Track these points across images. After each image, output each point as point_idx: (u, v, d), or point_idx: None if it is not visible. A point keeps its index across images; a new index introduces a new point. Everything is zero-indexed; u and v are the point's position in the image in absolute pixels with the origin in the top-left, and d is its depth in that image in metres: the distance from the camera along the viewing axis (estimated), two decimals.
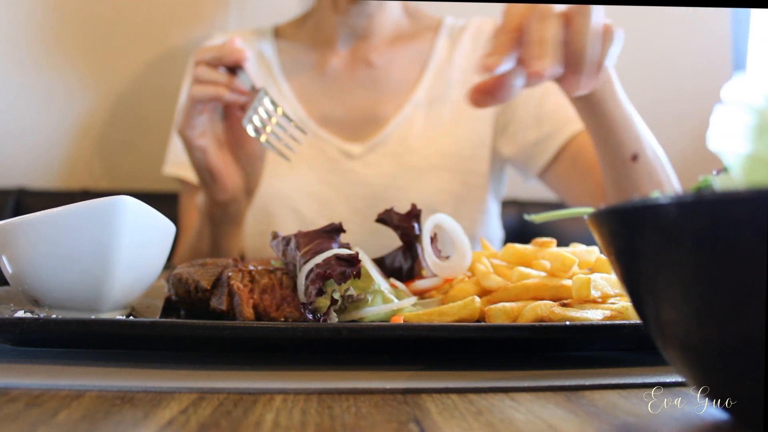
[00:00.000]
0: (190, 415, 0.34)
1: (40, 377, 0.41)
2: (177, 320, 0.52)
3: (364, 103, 1.10)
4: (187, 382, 0.40)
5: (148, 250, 0.54)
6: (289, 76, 1.11)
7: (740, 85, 0.30)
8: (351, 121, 1.09)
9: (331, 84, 1.10)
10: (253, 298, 0.55)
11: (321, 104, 1.09)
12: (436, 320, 0.50)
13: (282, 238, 0.59)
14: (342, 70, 1.11)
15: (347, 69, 1.11)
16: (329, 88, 1.10)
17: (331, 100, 1.10)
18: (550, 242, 0.59)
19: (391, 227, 0.63)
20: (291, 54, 1.13)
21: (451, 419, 0.35)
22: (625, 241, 0.33)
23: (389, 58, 1.11)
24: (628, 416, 0.35)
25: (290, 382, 0.41)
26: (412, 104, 1.08)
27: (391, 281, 0.58)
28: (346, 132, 1.08)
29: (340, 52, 1.11)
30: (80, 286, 0.51)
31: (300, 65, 1.12)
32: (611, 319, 0.48)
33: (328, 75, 1.11)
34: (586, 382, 0.42)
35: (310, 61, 1.12)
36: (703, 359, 0.31)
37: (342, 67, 1.11)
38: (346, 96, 1.10)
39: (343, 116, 1.09)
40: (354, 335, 0.45)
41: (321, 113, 1.09)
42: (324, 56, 1.11)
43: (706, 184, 0.35)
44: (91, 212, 0.50)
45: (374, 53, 1.11)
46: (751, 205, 0.27)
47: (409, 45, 1.13)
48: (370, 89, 1.10)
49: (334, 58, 1.11)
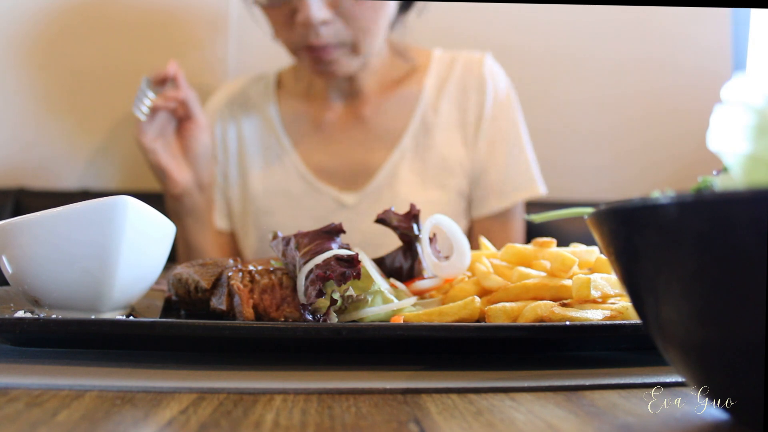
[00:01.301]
0: (190, 415, 0.34)
1: (40, 377, 0.41)
2: (177, 320, 0.52)
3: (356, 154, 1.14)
4: (187, 382, 0.40)
5: (148, 250, 0.54)
6: (289, 129, 1.16)
7: (740, 85, 0.30)
8: (345, 172, 1.13)
9: (326, 137, 1.15)
10: (253, 298, 0.55)
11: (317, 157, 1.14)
12: (436, 320, 0.50)
13: (282, 238, 0.59)
14: (336, 124, 1.15)
15: (340, 123, 1.15)
16: (325, 141, 1.15)
17: (326, 153, 1.14)
18: (550, 242, 0.59)
19: (390, 227, 0.63)
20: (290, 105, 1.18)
21: (451, 419, 0.35)
22: (625, 241, 0.33)
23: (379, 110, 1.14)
24: (628, 416, 0.35)
25: (290, 382, 0.41)
26: (399, 151, 1.11)
27: (391, 281, 0.58)
28: (341, 183, 1.12)
29: (334, 106, 1.15)
30: (80, 286, 0.51)
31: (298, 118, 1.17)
32: (611, 319, 0.48)
33: (324, 128, 1.15)
34: (586, 382, 0.42)
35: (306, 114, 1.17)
36: (703, 359, 0.31)
37: (336, 121, 1.15)
38: (340, 148, 1.14)
39: (337, 168, 1.13)
40: (354, 335, 0.45)
41: (318, 165, 1.14)
42: (319, 110, 1.16)
43: (706, 184, 0.35)
44: (91, 212, 0.50)
45: (365, 107, 1.14)
46: (751, 205, 0.27)
47: (399, 90, 1.15)
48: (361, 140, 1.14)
49: (328, 112, 1.15)
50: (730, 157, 0.29)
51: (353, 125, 1.15)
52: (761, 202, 0.27)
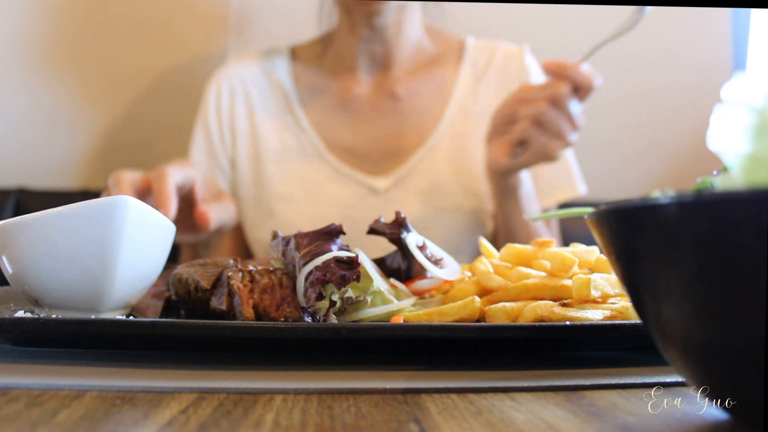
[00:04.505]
0: (190, 415, 0.34)
1: (40, 377, 0.41)
2: (177, 320, 0.52)
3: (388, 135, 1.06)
4: (187, 382, 0.40)
5: (148, 250, 0.54)
6: (307, 105, 1.07)
7: (740, 85, 0.30)
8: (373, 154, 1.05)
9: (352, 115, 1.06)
10: (253, 298, 0.55)
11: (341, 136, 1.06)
12: (436, 320, 0.50)
13: (282, 238, 0.59)
14: (365, 101, 1.07)
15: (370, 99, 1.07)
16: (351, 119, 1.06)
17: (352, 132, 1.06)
18: (550, 242, 0.59)
19: (382, 235, 0.63)
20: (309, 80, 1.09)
21: (451, 419, 0.35)
22: (625, 241, 0.33)
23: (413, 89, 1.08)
24: (628, 416, 0.35)
25: (290, 382, 0.41)
26: (436, 137, 1.06)
27: (391, 281, 0.58)
28: (368, 165, 1.05)
29: (363, 81, 1.07)
30: (80, 286, 0.51)
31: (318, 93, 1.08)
32: (611, 319, 0.48)
33: (350, 105, 1.07)
34: (586, 382, 0.42)
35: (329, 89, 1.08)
36: (703, 359, 0.31)
37: (365, 97, 1.07)
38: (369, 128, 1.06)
39: (365, 149, 1.05)
40: (354, 335, 0.45)
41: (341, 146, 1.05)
42: (345, 84, 1.07)
43: (706, 184, 0.35)
44: (91, 212, 0.50)
45: (398, 84, 1.07)
46: (751, 205, 0.27)
47: (433, 73, 1.09)
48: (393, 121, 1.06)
49: (356, 86, 1.07)
50: (730, 157, 0.29)
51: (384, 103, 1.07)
52: (761, 202, 0.27)
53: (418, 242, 0.61)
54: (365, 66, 1.07)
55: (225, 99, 1.09)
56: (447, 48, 1.12)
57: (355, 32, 1.04)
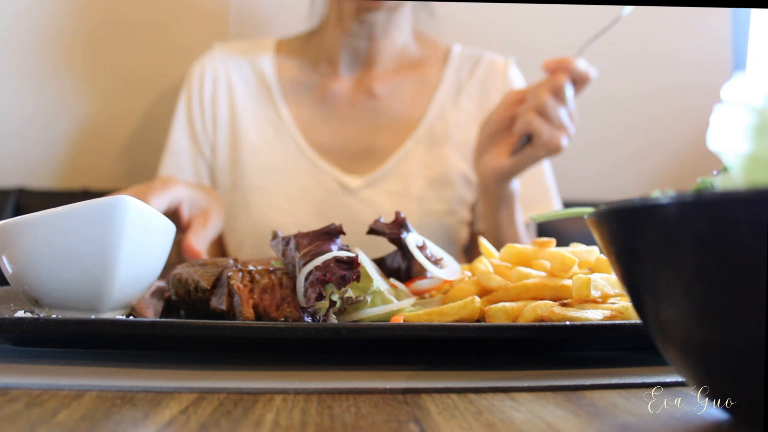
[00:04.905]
0: (190, 415, 0.34)
1: (40, 377, 0.41)
2: (177, 320, 0.52)
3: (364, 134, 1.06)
4: (187, 382, 0.40)
5: (148, 250, 0.54)
6: (289, 99, 1.07)
7: (740, 85, 0.30)
8: (350, 152, 1.05)
9: (331, 111, 1.06)
10: (253, 298, 0.55)
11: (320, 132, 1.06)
12: (436, 320, 0.50)
13: (282, 238, 0.59)
14: (343, 98, 1.07)
15: (349, 97, 1.07)
16: (329, 115, 1.06)
17: (330, 129, 1.06)
18: (550, 242, 0.59)
19: (382, 236, 0.63)
20: (291, 73, 1.09)
21: (451, 419, 0.35)
22: (625, 241, 0.33)
23: (393, 89, 1.07)
24: (628, 416, 0.35)
25: (290, 382, 0.41)
26: (414, 140, 1.05)
27: (391, 281, 0.58)
28: (345, 162, 1.04)
29: (343, 78, 1.07)
30: (80, 286, 0.51)
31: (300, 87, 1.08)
32: (611, 319, 0.48)
33: (329, 101, 1.06)
34: (586, 382, 0.42)
35: (310, 84, 1.08)
36: (703, 359, 0.31)
37: (343, 95, 1.07)
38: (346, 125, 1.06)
39: (342, 146, 1.05)
40: (354, 335, 0.45)
41: (320, 142, 1.05)
42: (325, 79, 1.07)
43: (706, 184, 0.35)
44: (91, 212, 0.50)
45: (377, 83, 1.06)
46: (751, 205, 0.27)
47: (415, 74, 1.09)
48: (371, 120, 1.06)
49: (335, 83, 1.07)
50: (730, 157, 0.29)
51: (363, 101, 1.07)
52: (761, 202, 0.27)
53: (418, 242, 0.61)
54: (347, 61, 1.07)
55: (208, 86, 1.09)
56: (433, 53, 1.12)
57: (343, 25, 1.03)
